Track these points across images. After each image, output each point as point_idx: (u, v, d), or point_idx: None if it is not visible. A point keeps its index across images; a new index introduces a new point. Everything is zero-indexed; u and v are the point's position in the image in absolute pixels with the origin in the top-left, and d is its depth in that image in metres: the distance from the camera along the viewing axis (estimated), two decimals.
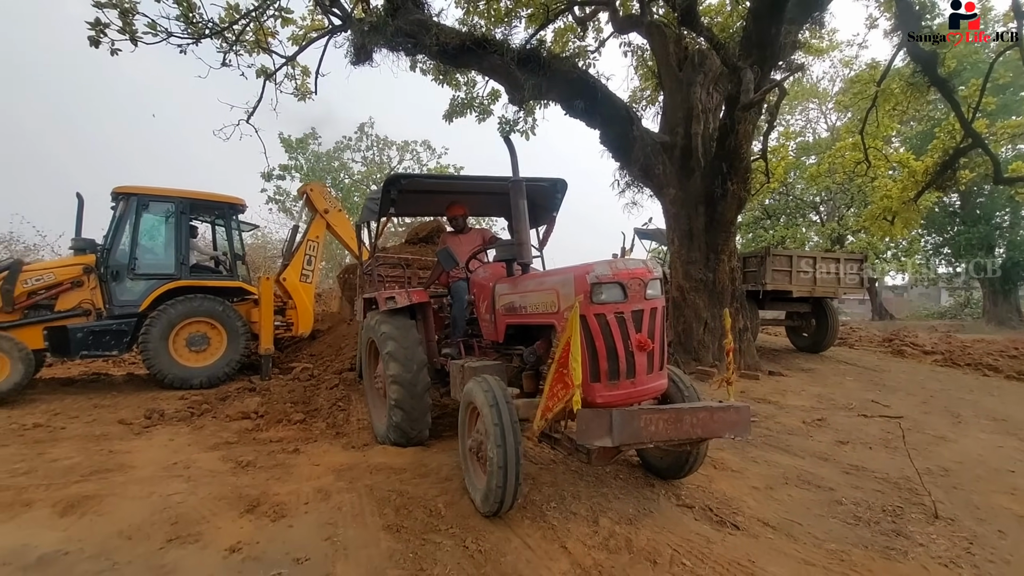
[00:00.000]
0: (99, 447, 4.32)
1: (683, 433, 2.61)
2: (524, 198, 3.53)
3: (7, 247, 12.55)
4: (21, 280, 6.51)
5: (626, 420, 2.50)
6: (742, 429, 2.74)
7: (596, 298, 2.74)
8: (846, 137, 13.77)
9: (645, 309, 2.79)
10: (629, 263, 2.91)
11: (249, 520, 2.83)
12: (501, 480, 2.62)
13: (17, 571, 2.31)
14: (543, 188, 4.74)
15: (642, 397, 2.84)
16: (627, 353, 2.73)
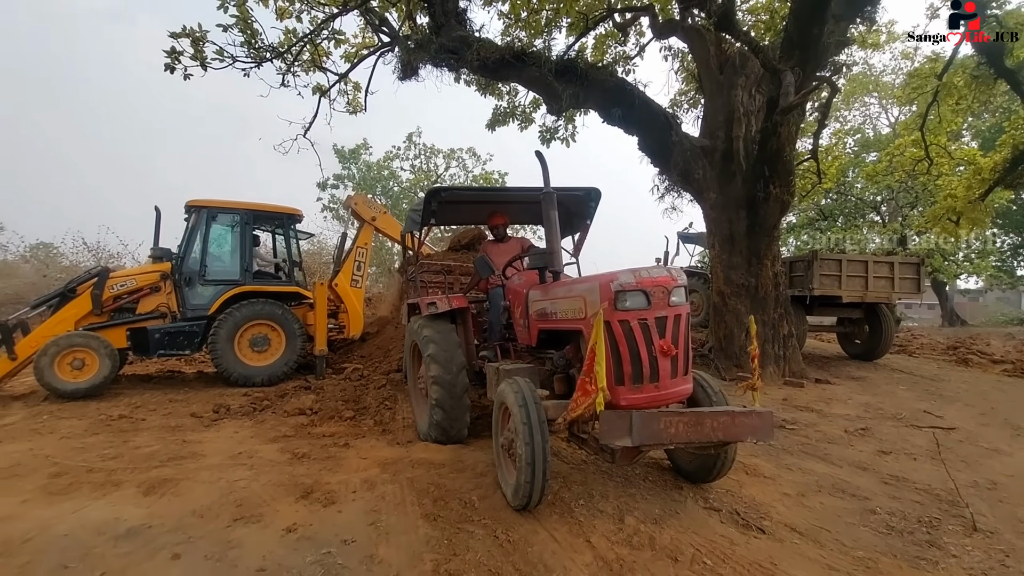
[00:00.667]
0: (174, 437, 4.81)
1: (704, 435, 2.70)
2: (555, 208, 3.71)
3: (95, 255, 13.85)
4: (108, 286, 7.25)
5: (646, 421, 2.61)
6: (764, 433, 2.84)
7: (620, 305, 2.86)
8: (905, 134, 13.09)
9: (669, 316, 2.90)
10: (653, 271, 2.99)
11: (304, 505, 3.14)
12: (530, 476, 2.77)
13: (110, 540, 2.70)
14: (577, 197, 4.87)
15: (666, 401, 2.93)
16: (650, 358, 2.86)
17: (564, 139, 9.53)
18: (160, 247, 7.98)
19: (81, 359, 6.66)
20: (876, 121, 23.62)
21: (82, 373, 6.64)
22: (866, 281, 7.86)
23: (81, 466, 3.89)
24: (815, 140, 10.28)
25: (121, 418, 5.59)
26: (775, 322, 7.04)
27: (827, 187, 13.61)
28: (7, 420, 5.56)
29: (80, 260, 13.94)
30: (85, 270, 8.02)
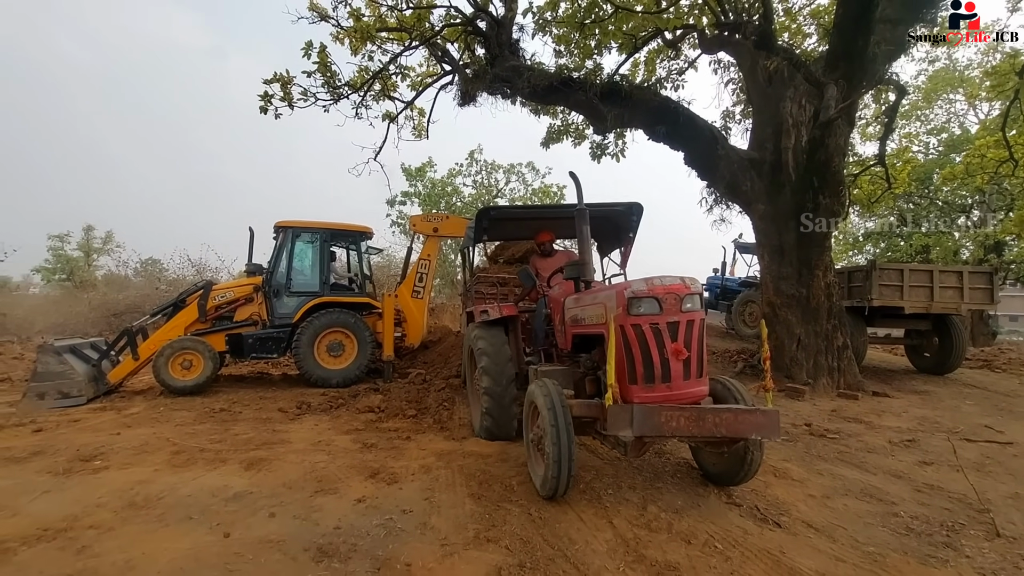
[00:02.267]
0: (266, 427, 5.60)
1: (706, 430, 2.91)
2: (587, 224, 4.05)
3: (198, 270, 15.68)
4: (211, 297, 8.38)
5: (647, 414, 2.87)
6: (769, 431, 2.97)
7: (633, 310, 3.14)
8: (986, 135, 12.21)
9: (681, 321, 3.13)
10: (667, 280, 3.21)
11: (371, 483, 3.72)
12: (556, 471, 3.07)
13: (222, 500, 3.38)
14: (619, 212, 5.19)
15: (679, 400, 3.11)
16: (662, 360, 3.10)
17: (614, 155, 9.85)
18: (253, 263, 9.09)
19: (189, 360, 7.75)
20: (964, 119, 21.86)
21: (190, 372, 7.72)
22: (931, 291, 7.56)
23: (194, 447, 4.71)
24: (881, 145, 10.01)
25: (222, 411, 6.50)
26: (828, 333, 6.97)
27: (898, 192, 12.92)
28: (132, 410, 6.63)
29: (185, 274, 15.78)
30: (193, 283, 9.24)
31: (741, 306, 11.61)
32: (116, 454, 4.47)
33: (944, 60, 19.64)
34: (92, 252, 34.13)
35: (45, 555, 2.66)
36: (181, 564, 2.56)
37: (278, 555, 2.66)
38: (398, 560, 2.61)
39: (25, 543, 2.77)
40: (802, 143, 7.12)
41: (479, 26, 8.31)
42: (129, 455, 4.45)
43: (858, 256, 23.22)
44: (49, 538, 2.83)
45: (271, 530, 2.94)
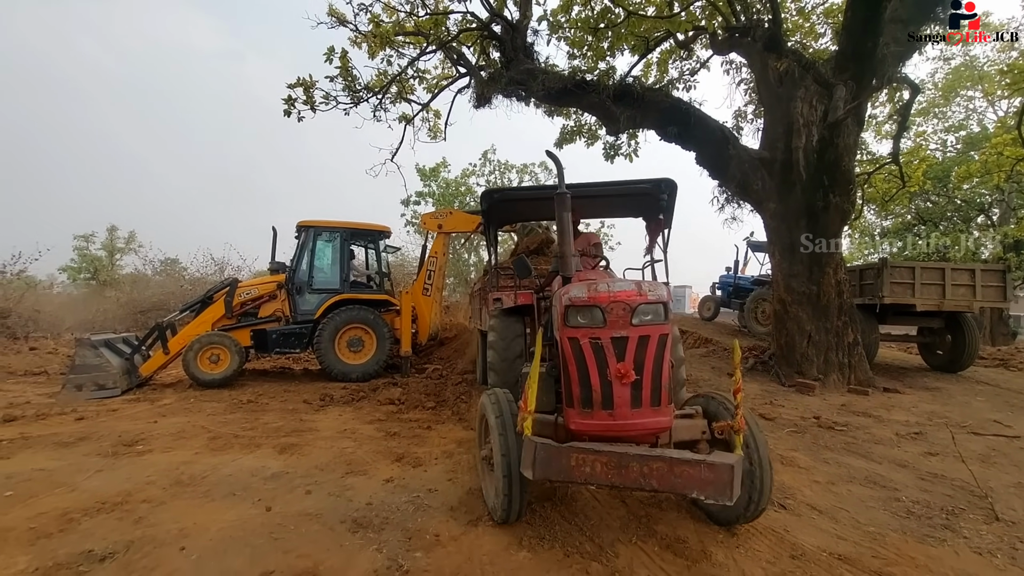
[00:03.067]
0: (293, 416, 5.88)
1: (629, 480, 2.36)
2: (568, 211, 3.31)
3: (220, 268, 16.13)
4: (237, 294, 8.71)
5: (551, 455, 2.40)
6: (718, 491, 2.33)
7: (570, 321, 2.69)
8: (1002, 132, 12.13)
9: (631, 336, 2.60)
10: (615, 284, 2.72)
11: (397, 466, 3.96)
12: (506, 488, 2.68)
13: (261, 479, 3.64)
14: (645, 191, 4.47)
15: (625, 432, 2.60)
16: (603, 382, 2.59)
17: (627, 155, 10.00)
18: (277, 261, 9.42)
19: (217, 354, 8.07)
20: (983, 115, 21.58)
21: (217, 366, 8.05)
22: (943, 289, 7.61)
23: (229, 433, 4.98)
24: (895, 143, 10.05)
25: (249, 402, 6.80)
26: (839, 330, 7.07)
27: (913, 190, 12.88)
28: (164, 401, 6.95)
29: (208, 273, 16.22)
30: (218, 281, 9.59)
31: (754, 304, 11.68)
32: (156, 439, 4.77)
33: (961, 57, 19.42)
34: (115, 251, 34.98)
35: (106, 524, 2.93)
36: (230, 533, 2.81)
37: (317, 526, 2.90)
38: (427, 532, 2.83)
39: (87, 514, 3.04)
40: (812, 143, 7.22)
41: (494, 30, 8.52)
42: (169, 440, 4.74)
43: (874, 255, 23.03)
44: (107, 510, 3.10)
45: (308, 505, 3.18)
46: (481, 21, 8.63)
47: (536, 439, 2.45)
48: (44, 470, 3.79)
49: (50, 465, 3.92)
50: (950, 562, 2.67)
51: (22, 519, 2.95)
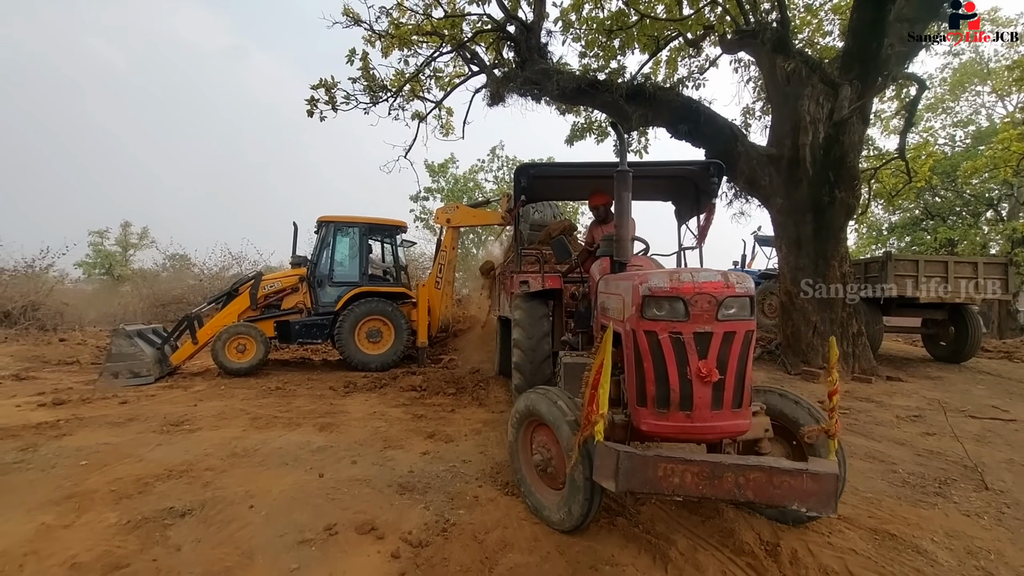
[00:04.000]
0: (323, 401, 6.22)
1: (724, 493, 2.18)
2: (628, 190, 3.13)
3: (238, 262, 16.53)
4: (261, 287, 9.06)
5: (636, 465, 2.17)
6: (822, 503, 2.17)
7: (647, 313, 2.46)
8: (1008, 129, 12.27)
9: (716, 332, 2.39)
10: (700, 275, 2.46)
11: (430, 442, 4.29)
12: (589, 494, 2.48)
13: (308, 451, 3.98)
14: (694, 173, 4.33)
15: (703, 435, 2.45)
16: (682, 381, 2.40)
17: (637, 151, 10.26)
18: (298, 255, 9.76)
19: (243, 344, 8.43)
20: (991, 110, 21.61)
21: (244, 355, 8.41)
22: (946, 282, 7.84)
23: (268, 415, 5.33)
24: (902, 139, 10.24)
25: (277, 389, 7.14)
26: (843, 321, 7.32)
27: (920, 185, 13.05)
28: (196, 388, 7.31)
29: (227, 266, 16.61)
30: (244, 275, 9.94)
31: (760, 297, 11.91)
32: (201, 420, 5.12)
33: (970, 53, 19.46)
34: (129, 247, 35.60)
35: (178, 488, 3.27)
36: (290, 494, 3.14)
37: (367, 489, 3.23)
38: (466, 494, 3.15)
39: (158, 479, 3.39)
40: (819, 139, 7.45)
41: (509, 31, 8.79)
42: (213, 420, 5.09)
43: (882, 249, 23.14)
44: (176, 476, 3.45)
45: (356, 472, 3.52)
46: (496, 22, 8.90)
47: (617, 446, 2.24)
48: (109, 444, 4.14)
49: (113, 440, 4.28)
50: (939, 522, 2.96)
51: (102, 483, 3.30)
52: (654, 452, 2.25)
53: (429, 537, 2.61)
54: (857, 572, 2.35)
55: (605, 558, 2.38)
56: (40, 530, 2.65)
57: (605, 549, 2.47)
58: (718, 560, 2.42)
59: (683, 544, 2.53)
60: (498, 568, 2.36)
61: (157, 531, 2.68)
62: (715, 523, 2.78)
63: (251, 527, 2.74)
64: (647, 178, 4.59)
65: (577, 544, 2.54)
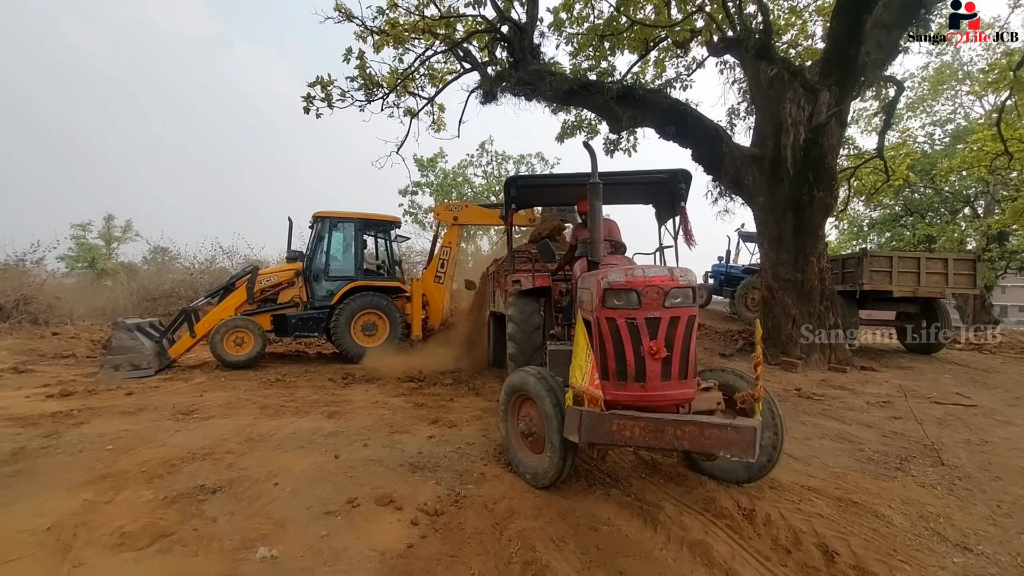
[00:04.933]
0: (325, 391, 6.45)
1: (664, 443, 2.66)
2: (600, 199, 3.51)
3: (229, 256, 16.61)
4: (258, 281, 9.22)
5: (595, 421, 2.71)
6: (742, 450, 2.61)
7: (607, 303, 2.96)
8: (982, 129, 12.79)
9: (663, 317, 2.88)
10: (650, 271, 2.99)
11: (435, 427, 4.56)
12: (561, 456, 3.02)
13: (321, 436, 4.23)
14: (667, 180, 4.71)
15: (655, 402, 2.88)
16: (637, 358, 2.88)
17: (626, 150, 10.57)
18: (294, 250, 9.93)
19: (241, 337, 8.60)
20: (969, 109, 22.30)
21: (242, 348, 8.58)
22: (918, 277, 8.28)
23: (275, 404, 5.56)
24: (880, 139, 10.66)
25: (278, 381, 7.35)
26: (821, 314, 7.72)
27: (897, 184, 13.55)
28: (197, 380, 7.48)
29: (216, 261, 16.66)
30: (243, 268, 10.08)
31: (744, 292, 12.34)
32: (209, 409, 5.33)
33: (950, 55, 20.06)
34: (112, 241, 35.17)
35: (204, 468, 3.51)
36: (311, 473, 3.40)
37: (381, 468, 3.50)
38: (473, 472, 3.44)
39: (184, 461, 3.62)
40: (799, 141, 7.81)
41: (503, 31, 9.00)
42: (222, 409, 5.30)
43: (863, 245, 23.81)
44: (199, 459, 3.68)
45: (369, 454, 3.78)
46: (489, 22, 9.10)
47: (580, 408, 2.77)
48: (129, 430, 4.36)
49: (131, 427, 4.49)
50: (898, 492, 3.31)
51: (132, 465, 3.52)
52: (610, 412, 2.77)
53: (443, 507, 2.90)
54: (821, 532, 2.68)
55: (603, 520, 2.69)
56: (84, 505, 2.88)
57: (602, 513, 2.77)
58: (701, 522, 2.73)
59: (670, 509, 2.85)
60: (507, 531, 2.65)
61: (192, 505, 2.93)
62: (699, 492, 3.11)
63: (279, 501, 2.99)
64: (626, 184, 5.07)
65: (577, 510, 2.84)
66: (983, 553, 2.63)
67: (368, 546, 2.52)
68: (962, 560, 2.55)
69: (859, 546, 2.57)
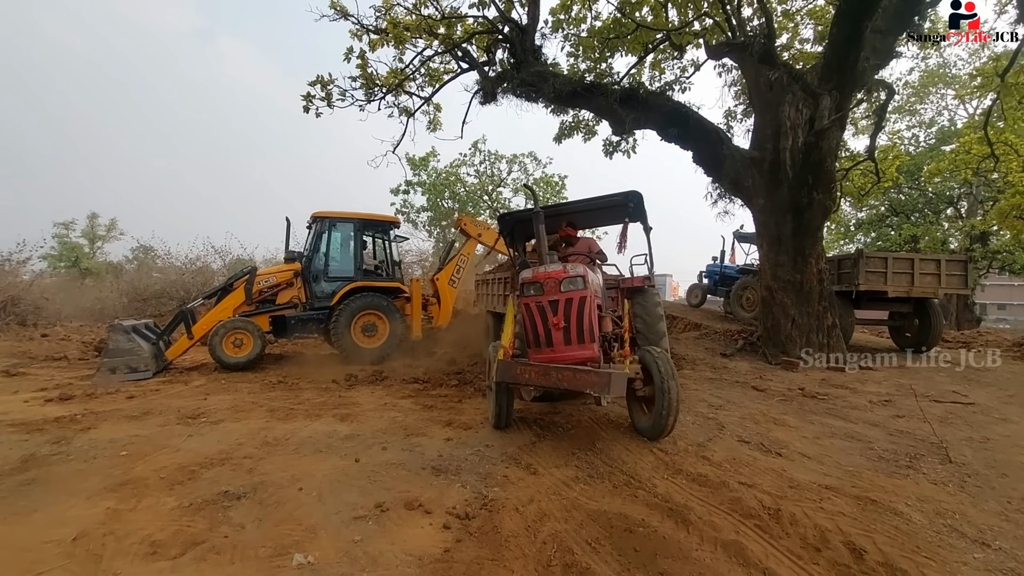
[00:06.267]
0: (331, 394, 6.41)
1: (550, 382, 3.79)
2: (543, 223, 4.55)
3: (221, 256, 16.40)
4: (257, 281, 9.12)
5: (505, 367, 4.02)
6: (601, 388, 3.59)
7: (524, 293, 4.24)
8: (969, 132, 13.08)
9: (560, 299, 4.10)
10: (550, 267, 4.24)
11: (450, 429, 4.56)
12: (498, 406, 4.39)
13: (338, 440, 4.21)
14: (617, 202, 5.70)
15: (561, 360, 4.03)
16: (546, 330, 4.15)
17: (626, 151, 10.63)
18: (292, 250, 9.84)
19: (240, 339, 8.52)
20: (954, 112, 22.77)
21: (241, 350, 8.49)
22: (912, 277, 8.45)
23: (284, 407, 5.52)
24: (872, 141, 10.84)
25: (280, 383, 7.28)
26: (819, 314, 7.85)
27: (887, 186, 13.80)
28: (196, 383, 7.39)
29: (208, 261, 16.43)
30: (242, 269, 9.96)
31: (739, 291, 12.47)
32: (217, 412, 5.27)
33: (936, 58, 20.47)
34: (96, 239, 34.53)
35: (224, 474, 3.47)
36: (334, 477, 3.39)
37: (404, 472, 3.49)
38: (497, 474, 3.45)
39: (202, 467, 3.58)
40: (799, 144, 7.92)
41: (504, 32, 8.99)
42: (230, 413, 5.25)
43: (849, 245, 24.21)
44: (218, 464, 3.65)
45: (389, 457, 3.77)
46: (490, 22, 9.09)
47: (501, 360, 4.12)
48: (139, 436, 4.30)
49: (141, 432, 4.42)
50: (912, 489, 3.39)
51: (149, 471, 3.48)
52: (515, 359, 4.27)
53: (473, 511, 2.90)
54: (846, 530, 2.74)
55: (636, 522, 2.71)
56: (108, 514, 2.84)
57: (635, 515, 2.80)
58: (731, 523, 2.77)
59: (699, 510, 2.89)
60: (541, 534, 2.67)
61: (218, 512, 2.90)
62: (723, 493, 3.15)
63: (306, 507, 2.98)
64: (586, 211, 6.25)
65: (609, 512, 2.86)
66: (1001, 548, 2.70)
67: (404, 551, 2.52)
68: (982, 556, 2.63)
69: (884, 543, 2.63)
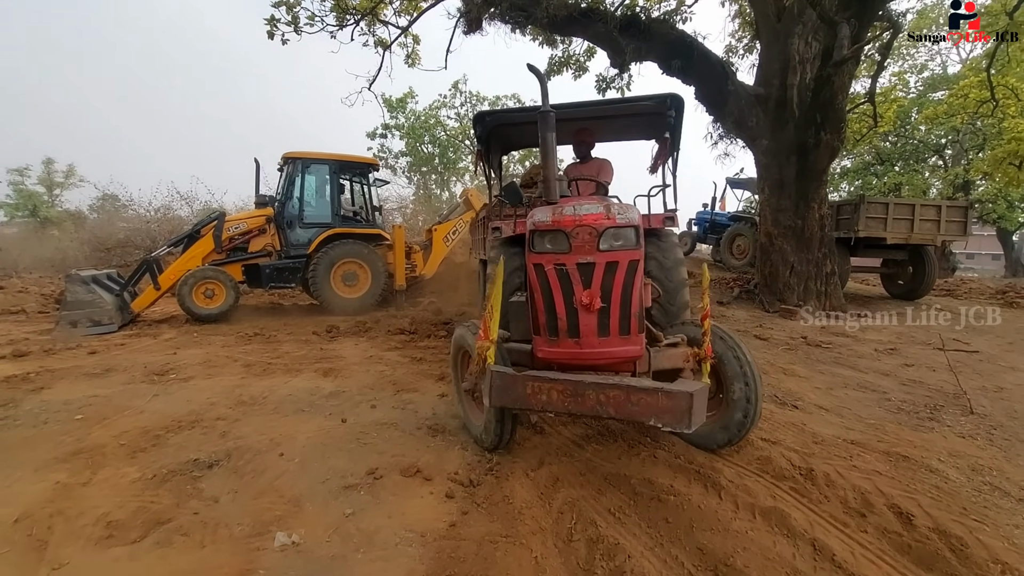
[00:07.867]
0: (311, 347, 6.00)
1: (586, 408, 2.29)
2: (552, 131, 2.77)
3: (188, 202, 15.43)
4: (225, 228, 8.48)
5: (506, 383, 2.38)
6: (675, 419, 2.19)
7: (535, 246, 2.55)
8: (971, 74, 12.65)
9: (598, 263, 2.44)
10: (581, 208, 2.52)
11: (442, 384, 4.23)
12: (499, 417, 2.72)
13: (321, 397, 3.85)
14: (649, 108, 4.06)
15: (591, 360, 2.53)
16: (568, 310, 2.48)
17: (620, 88, 9.96)
18: (263, 194, 9.13)
19: (211, 289, 7.98)
20: (946, 57, 22.25)
21: (212, 301, 7.98)
22: (912, 224, 8.24)
23: (261, 361, 5.11)
24: (873, 83, 10.33)
25: (256, 335, 6.83)
26: (819, 261, 7.62)
27: (884, 130, 13.43)
28: (166, 336, 6.91)
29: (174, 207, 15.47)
30: (209, 215, 9.25)
31: (730, 239, 12.24)
32: (187, 368, 4.84)
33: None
34: (54, 187, 32.53)
35: (194, 439, 3.09)
36: (319, 440, 3.04)
37: (397, 433, 3.16)
38: None
39: (169, 431, 3.19)
40: (807, 80, 7.43)
41: None
42: (202, 369, 4.83)
43: (834, 194, 24.07)
44: (187, 428, 3.26)
45: (379, 417, 3.43)
46: None
47: (496, 368, 2.43)
48: (98, 396, 3.86)
49: (101, 392, 3.99)
50: (941, 444, 3.20)
51: (108, 437, 3.08)
52: (524, 372, 2.43)
53: (478, 477, 2.60)
54: (887, 491, 2.51)
55: (664, 488, 2.44)
56: (57, 489, 2.46)
57: (662, 480, 2.52)
58: (765, 486, 2.52)
59: (728, 472, 2.62)
60: (556, 502, 2.38)
61: (187, 484, 2.54)
62: (749, 452, 2.90)
63: (288, 475, 2.64)
64: (606, 118, 4.47)
65: (632, 476, 2.58)
66: None
67: (403, 526, 2.21)
68: None
69: (929, 506, 2.41)
